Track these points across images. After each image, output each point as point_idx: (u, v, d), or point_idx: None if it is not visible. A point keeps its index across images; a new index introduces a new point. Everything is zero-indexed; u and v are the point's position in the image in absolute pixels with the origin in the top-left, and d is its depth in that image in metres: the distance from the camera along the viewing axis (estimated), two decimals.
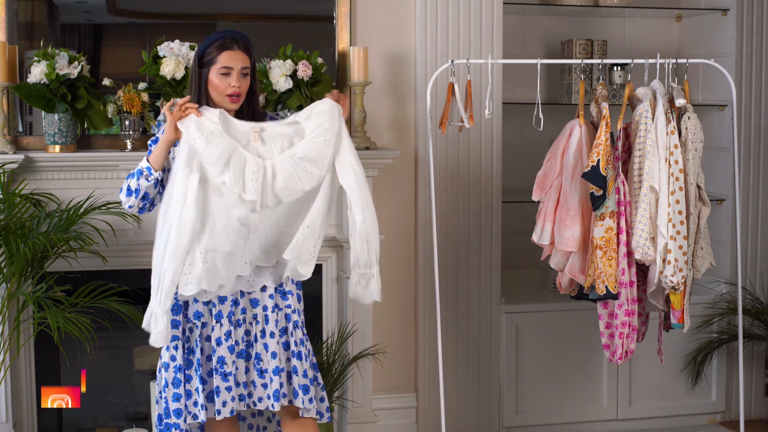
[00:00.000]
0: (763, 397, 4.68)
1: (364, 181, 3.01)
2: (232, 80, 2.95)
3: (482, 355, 4.36)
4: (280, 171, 2.90)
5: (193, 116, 2.87)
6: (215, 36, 2.99)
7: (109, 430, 4.16)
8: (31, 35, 4.01)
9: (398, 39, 4.25)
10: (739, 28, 4.49)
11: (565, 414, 4.44)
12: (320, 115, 2.97)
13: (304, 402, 3.03)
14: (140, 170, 2.93)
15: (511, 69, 4.38)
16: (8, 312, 3.65)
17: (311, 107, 3.00)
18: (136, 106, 3.80)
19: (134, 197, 2.94)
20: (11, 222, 3.56)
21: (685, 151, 3.46)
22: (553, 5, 4.53)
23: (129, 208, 2.98)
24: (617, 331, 3.49)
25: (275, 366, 3.02)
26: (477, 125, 4.21)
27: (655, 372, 4.43)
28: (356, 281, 3.05)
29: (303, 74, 3.90)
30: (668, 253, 3.40)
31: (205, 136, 2.85)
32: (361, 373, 4.11)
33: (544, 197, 3.56)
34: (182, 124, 2.87)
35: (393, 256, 4.29)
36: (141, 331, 2.93)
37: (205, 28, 4.25)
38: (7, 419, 3.82)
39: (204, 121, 2.87)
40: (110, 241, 3.71)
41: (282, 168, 2.90)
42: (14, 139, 3.89)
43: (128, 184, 2.94)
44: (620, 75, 4.52)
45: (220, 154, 2.84)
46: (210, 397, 3.02)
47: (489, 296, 4.34)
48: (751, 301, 4.46)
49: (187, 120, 2.87)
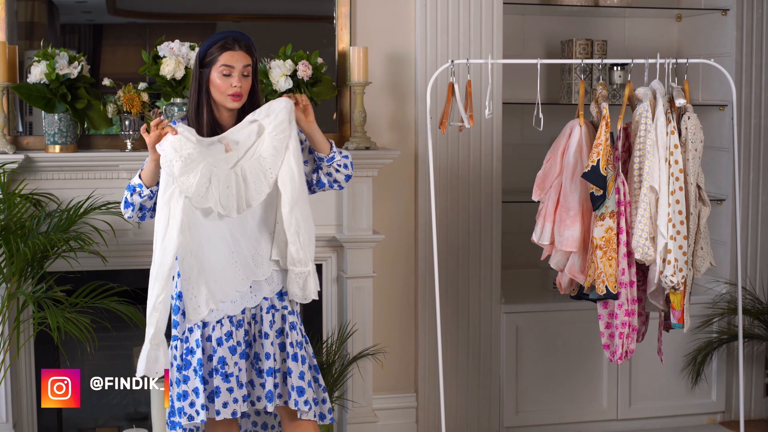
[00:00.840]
0: (763, 397, 4.68)
1: (301, 182, 3.00)
2: (234, 80, 2.96)
3: (482, 355, 4.36)
4: (249, 174, 2.94)
5: (169, 137, 2.85)
6: (217, 36, 2.99)
7: (109, 430, 4.16)
8: (31, 35, 4.01)
9: (398, 39, 4.25)
10: (739, 28, 4.49)
11: (565, 414, 4.44)
12: (279, 114, 2.97)
13: (299, 404, 3.02)
14: (132, 186, 2.97)
15: (511, 69, 4.38)
16: (8, 312, 3.65)
17: (268, 105, 3.00)
18: (136, 106, 3.80)
19: (131, 210, 3.00)
20: (11, 222, 3.56)
21: (685, 151, 3.46)
22: (553, 5, 4.52)
23: (129, 219, 3.03)
24: (617, 331, 3.49)
25: (269, 367, 3.02)
26: (477, 125, 4.21)
27: (655, 372, 4.43)
28: (293, 281, 3.04)
29: (303, 74, 3.90)
30: (668, 253, 3.40)
31: (183, 159, 2.83)
32: (361, 373, 4.11)
33: (544, 197, 3.55)
34: (159, 146, 2.86)
35: (393, 256, 4.29)
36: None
37: (205, 28, 4.25)
38: (7, 419, 3.82)
39: (181, 140, 2.84)
40: (110, 241, 3.71)
41: (250, 171, 2.94)
42: (14, 139, 3.89)
43: (125, 197, 3.00)
44: (620, 75, 4.52)
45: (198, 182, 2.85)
46: (211, 398, 3.02)
47: (489, 296, 4.34)
48: (751, 301, 4.46)
49: (163, 141, 2.86)
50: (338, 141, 4.17)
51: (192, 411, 2.99)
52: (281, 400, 3.05)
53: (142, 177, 2.95)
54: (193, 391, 2.99)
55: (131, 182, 2.98)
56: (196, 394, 2.99)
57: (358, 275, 4.08)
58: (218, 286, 2.96)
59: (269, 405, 3.01)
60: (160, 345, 2.88)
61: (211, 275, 2.95)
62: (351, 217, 4.04)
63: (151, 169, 2.92)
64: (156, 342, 2.87)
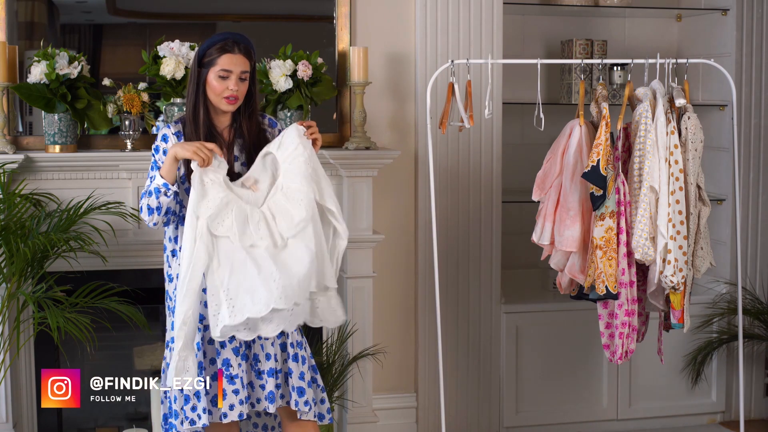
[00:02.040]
0: (763, 397, 4.68)
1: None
2: (230, 83, 2.95)
3: (482, 355, 4.36)
4: (277, 210, 2.92)
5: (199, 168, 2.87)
6: (217, 37, 2.98)
7: (109, 430, 4.16)
8: (31, 35, 4.01)
9: (398, 39, 4.25)
10: (739, 28, 4.49)
11: (565, 414, 4.44)
12: (291, 141, 2.96)
13: (299, 404, 3.02)
14: (157, 188, 2.90)
15: (511, 69, 4.38)
16: (8, 312, 3.65)
17: (281, 136, 2.99)
18: (136, 106, 3.80)
19: (157, 215, 2.93)
20: (11, 222, 3.56)
21: (685, 151, 3.46)
22: (553, 5, 4.53)
23: (154, 226, 2.97)
24: (617, 331, 3.49)
25: (270, 367, 3.02)
26: (477, 125, 4.21)
27: (655, 372, 4.43)
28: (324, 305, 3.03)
29: (303, 74, 3.90)
30: (668, 253, 3.40)
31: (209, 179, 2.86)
32: (361, 373, 4.11)
33: (544, 197, 3.55)
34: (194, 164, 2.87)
35: (393, 256, 4.29)
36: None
37: (205, 28, 4.25)
38: (7, 419, 3.82)
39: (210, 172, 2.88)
40: (110, 241, 3.71)
41: (278, 206, 2.92)
42: (14, 139, 3.89)
43: (147, 204, 2.92)
44: (620, 75, 4.52)
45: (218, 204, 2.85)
46: (214, 401, 3.01)
47: (489, 296, 4.34)
48: (751, 301, 4.46)
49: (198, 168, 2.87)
50: (338, 141, 4.18)
51: (193, 415, 2.97)
52: (284, 400, 3.04)
53: (165, 176, 2.90)
54: (195, 395, 2.98)
55: (154, 185, 2.91)
56: (197, 397, 2.97)
57: (358, 275, 4.08)
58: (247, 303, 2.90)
59: (271, 406, 3.00)
60: (189, 355, 2.87)
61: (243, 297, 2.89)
62: (351, 217, 4.04)
63: (171, 164, 2.88)
64: (184, 354, 2.86)
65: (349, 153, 4.01)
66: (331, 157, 3.96)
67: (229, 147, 3.02)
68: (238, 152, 3.04)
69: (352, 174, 4.02)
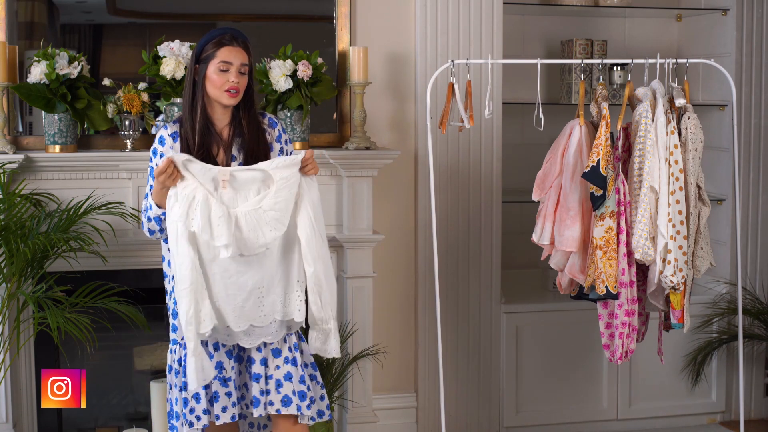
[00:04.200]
0: (763, 397, 4.68)
1: (321, 236, 2.96)
2: (231, 76, 2.93)
3: (482, 355, 4.36)
4: (244, 222, 2.88)
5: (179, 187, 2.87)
6: (214, 32, 2.97)
7: (109, 430, 4.16)
8: (31, 35, 4.01)
9: (398, 39, 4.25)
10: (739, 28, 4.49)
11: (565, 414, 4.44)
12: (287, 169, 2.92)
13: (301, 408, 3.00)
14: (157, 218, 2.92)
15: (511, 69, 4.38)
16: (8, 312, 3.65)
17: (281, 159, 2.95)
18: (136, 106, 3.80)
19: (159, 234, 2.97)
20: (11, 222, 3.56)
21: (685, 151, 3.46)
22: (553, 5, 4.52)
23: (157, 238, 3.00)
24: (617, 331, 3.49)
25: (255, 372, 3.00)
26: (477, 125, 4.21)
27: (655, 372, 4.43)
28: (314, 337, 3.02)
29: (303, 74, 3.90)
30: (668, 253, 3.40)
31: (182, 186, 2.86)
32: (361, 373, 4.11)
33: (544, 197, 3.55)
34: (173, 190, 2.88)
35: (393, 256, 4.29)
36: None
37: (205, 28, 4.25)
38: (7, 419, 3.82)
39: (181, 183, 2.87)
40: (110, 241, 3.71)
41: (246, 220, 2.88)
42: (14, 139, 3.89)
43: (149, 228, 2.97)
44: (620, 75, 4.52)
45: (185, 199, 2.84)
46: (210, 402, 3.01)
47: (489, 296, 4.34)
48: (751, 301, 4.46)
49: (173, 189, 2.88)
50: (338, 141, 4.18)
51: (192, 417, 2.97)
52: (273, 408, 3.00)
53: (159, 204, 2.90)
54: (193, 397, 2.97)
55: (153, 213, 2.92)
56: (196, 399, 2.97)
57: (358, 275, 4.08)
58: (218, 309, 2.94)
59: (255, 410, 2.99)
60: (203, 354, 2.87)
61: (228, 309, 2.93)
62: (351, 217, 4.04)
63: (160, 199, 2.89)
64: (198, 353, 2.85)
65: (349, 153, 4.01)
66: (331, 157, 3.96)
67: (227, 146, 3.00)
68: (236, 152, 3.01)
69: (352, 174, 4.02)
